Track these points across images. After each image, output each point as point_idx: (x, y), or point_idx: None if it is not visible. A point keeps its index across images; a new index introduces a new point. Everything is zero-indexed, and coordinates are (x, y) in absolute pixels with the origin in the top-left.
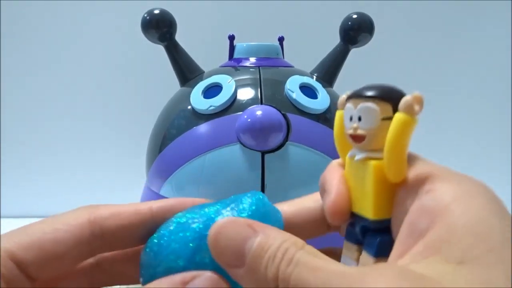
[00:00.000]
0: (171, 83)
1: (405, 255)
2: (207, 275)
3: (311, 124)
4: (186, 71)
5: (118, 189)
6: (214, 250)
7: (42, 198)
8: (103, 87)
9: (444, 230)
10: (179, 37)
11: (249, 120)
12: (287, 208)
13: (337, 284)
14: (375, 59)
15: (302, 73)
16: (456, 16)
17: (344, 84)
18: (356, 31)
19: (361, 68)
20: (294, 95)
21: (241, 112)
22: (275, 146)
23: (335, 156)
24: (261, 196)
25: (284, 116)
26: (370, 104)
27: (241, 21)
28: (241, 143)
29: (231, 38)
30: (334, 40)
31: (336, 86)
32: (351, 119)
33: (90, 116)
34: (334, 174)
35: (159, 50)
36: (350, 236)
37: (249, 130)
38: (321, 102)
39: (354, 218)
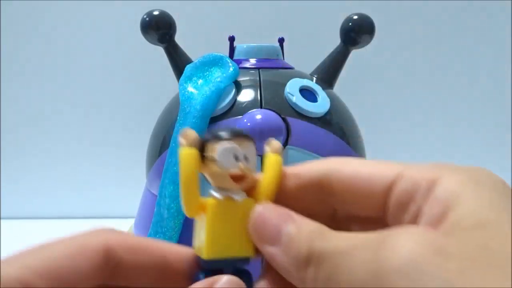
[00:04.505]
0: (171, 85)
1: None
2: (225, 278)
3: (311, 127)
4: None
5: (118, 190)
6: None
7: (42, 199)
8: (103, 89)
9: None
10: (179, 39)
11: (248, 124)
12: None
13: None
14: (376, 60)
15: (302, 75)
16: (456, 17)
17: (345, 85)
18: (357, 32)
19: (362, 69)
20: (294, 99)
21: (240, 116)
22: None
23: None
24: None
25: (284, 120)
26: (252, 144)
27: (241, 22)
28: None
29: (231, 39)
30: (334, 41)
31: (337, 88)
32: (236, 158)
33: (90, 118)
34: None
35: (159, 52)
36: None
37: None
38: (321, 105)
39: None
